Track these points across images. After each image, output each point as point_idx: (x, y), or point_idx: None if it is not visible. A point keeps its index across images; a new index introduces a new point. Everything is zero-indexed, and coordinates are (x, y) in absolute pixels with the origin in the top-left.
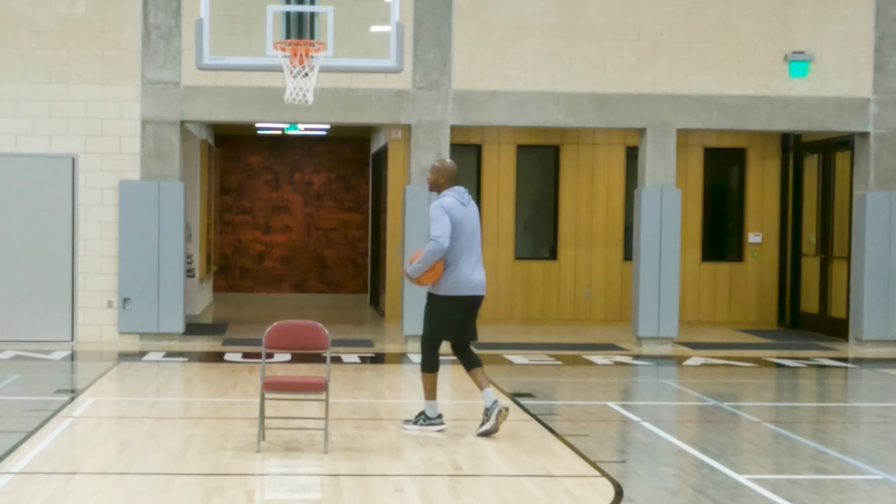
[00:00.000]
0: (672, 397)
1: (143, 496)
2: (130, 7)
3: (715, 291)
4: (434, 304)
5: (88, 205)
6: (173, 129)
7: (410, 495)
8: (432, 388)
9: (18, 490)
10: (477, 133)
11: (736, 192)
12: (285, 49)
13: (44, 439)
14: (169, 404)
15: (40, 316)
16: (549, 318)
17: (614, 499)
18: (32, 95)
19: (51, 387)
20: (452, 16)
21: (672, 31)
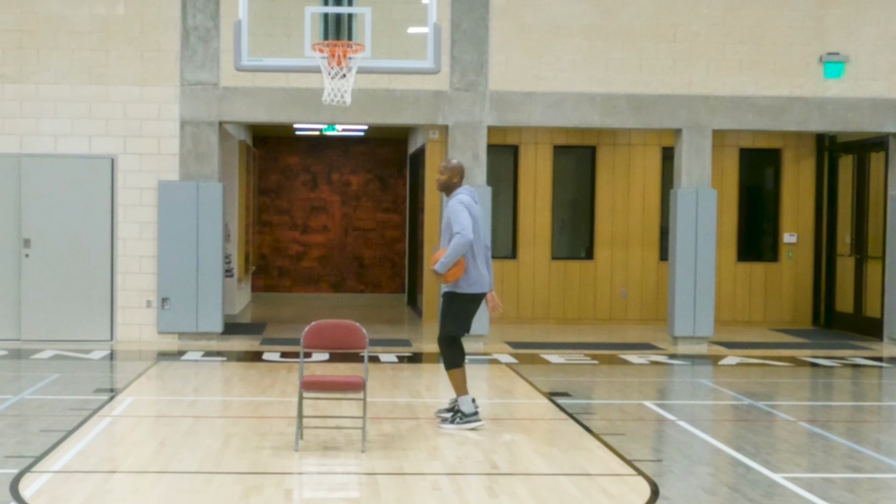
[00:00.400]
0: (708, 396)
1: (182, 495)
2: (169, 8)
3: (750, 291)
4: (455, 301)
5: (128, 205)
6: (212, 129)
7: (447, 494)
8: (463, 383)
9: (58, 488)
10: (514, 134)
11: (771, 192)
12: (323, 50)
13: (83, 438)
14: (207, 403)
15: (80, 316)
16: (585, 318)
17: (650, 497)
18: (72, 96)
19: (90, 386)
20: (489, 17)
21: (708, 33)
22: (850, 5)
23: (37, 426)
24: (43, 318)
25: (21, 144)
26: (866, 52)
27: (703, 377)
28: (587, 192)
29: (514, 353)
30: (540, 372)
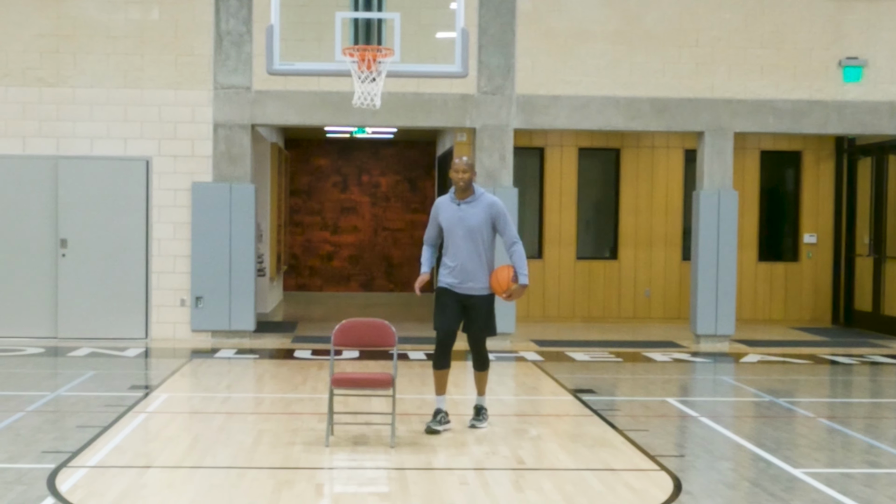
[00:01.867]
0: (729, 393)
1: (215, 489)
2: (203, 14)
3: (771, 290)
4: (492, 303)
5: (162, 206)
6: (244, 132)
7: (475, 488)
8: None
9: (94, 483)
10: (540, 136)
11: (791, 193)
12: (353, 55)
13: (119, 434)
14: (240, 400)
15: (115, 314)
16: (609, 317)
17: (673, 492)
18: (108, 100)
19: (125, 383)
20: (516, 22)
21: (729, 38)
22: (868, 11)
23: (73, 422)
24: (79, 316)
25: (58, 147)
26: (885, 56)
27: (724, 374)
28: (611, 194)
29: (540, 350)
30: (565, 369)
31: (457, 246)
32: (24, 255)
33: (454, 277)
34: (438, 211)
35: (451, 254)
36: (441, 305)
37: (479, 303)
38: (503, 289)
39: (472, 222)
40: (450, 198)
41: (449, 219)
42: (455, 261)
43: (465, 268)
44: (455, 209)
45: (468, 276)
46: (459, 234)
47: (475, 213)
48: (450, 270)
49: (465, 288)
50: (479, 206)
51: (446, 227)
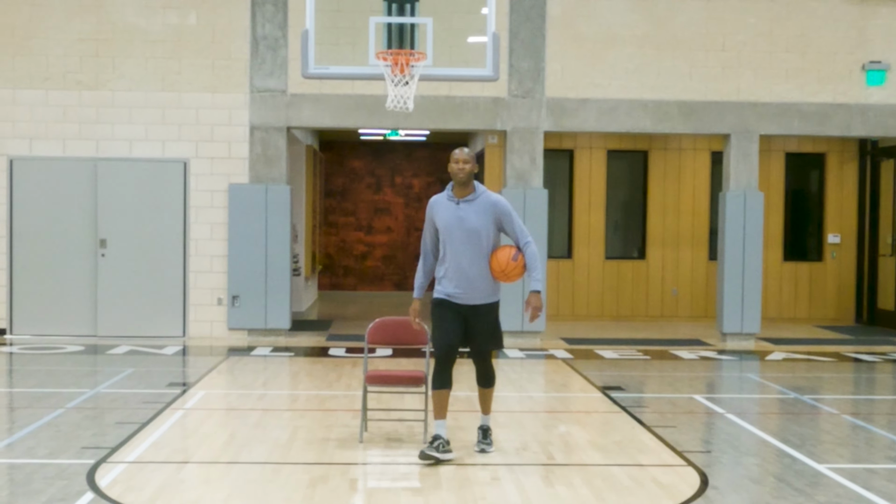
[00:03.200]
0: (755, 390)
1: (251, 484)
2: (239, 19)
3: (796, 289)
4: (497, 312)
5: (199, 207)
6: (280, 134)
7: (506, 484)
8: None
9: (133, 478)
10: (569, 138)
11: (816, 194)
12: (387, 59)
13: (157, 430)
14: (276, 397)
15: (153, 313)
16: (637, 315)
17: (700, 487)
18: (146, 103)
19: (163, 380)
20: (546, 27)
21: (755, 42)
22: (891, 16)
23: (112, 419)
24: (118, 315)
25: (97, 149)
26: None
27: (750, 372)
28: (639, 195)
29: (570, 348)
30: (594, 367)
31: (456, 250)
32: (64, 255)
33: (454, 287)
34: (434, 211)
35: (450, 260)
36: (439, 318)
37: (483, 312)
38: (501, 268)
39: (473, 223)
40: (447, 196)
41: (447, 219)
42: (454, 268)
43: (467, 275)
44: (453, 209)
45: (470, 285)
46: (459, 237)
47: (477, 213)
48: (448, 279)
49: (466, 298)
50: (481, 205)
51: (444, 228)
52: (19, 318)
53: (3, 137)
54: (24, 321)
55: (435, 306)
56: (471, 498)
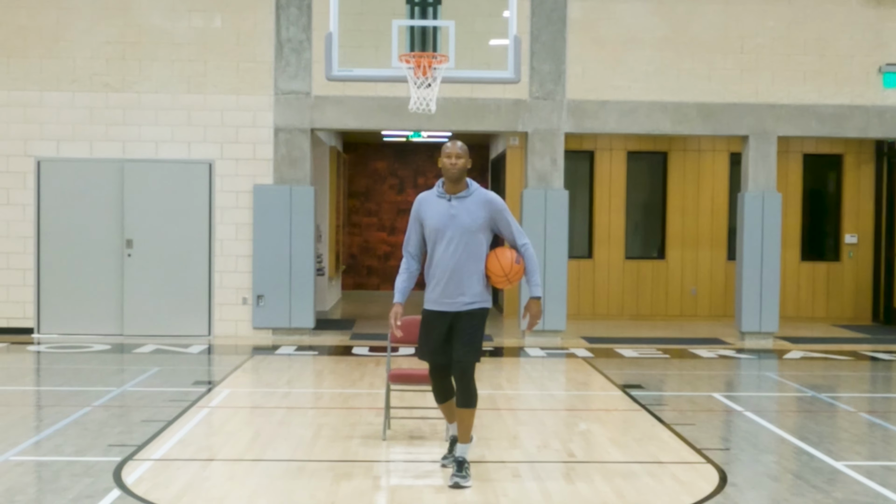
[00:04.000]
0: (773, 388)
1: (276, 481)
2: (264, 22)
3: (813, 289)
4: (483, 321)
5: (224, 207)
6: (304, 136)
7: (527, 481)
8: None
9: (159, 476)
10: (590, 140)
11: (833, 195)
12: (410, 61)
13: (182, 428)
14: (300, 395)
15: (179, 312)
16: (657, 315)
17: (719, 484)
18: (172, 105)
19: (189, 378)
20: (566, 30)
21: (773, 45)
22: None
23: (138, 416)
24: (144, 314)
25: (124, 150)
26: None
27: (768, 370)
28: (659, 196)
29: (590, 347)
30: (614, 365)
31: (446, 251)
32: (91, 255)
33: (440, 292)
34: (422, 209)
35: (439, 261)
36: (425, 332)
37: (465, 318)
38: (504, 272)
39: (467, 221)
40: (437, 193)
41: (437, 217)
42: (443, 270)
43: (456, 277)
44: (445, 206)
45: (459, 288)
46: (451, 236)
47: (471, 210)
48: (436, 282)
49: (454, 303)
50: (475, 202)
51: (434, 227)
52: (47, 318)
53: (30, 139)
54: (52, 320)
55: (423, 319)
56: (492, 494)
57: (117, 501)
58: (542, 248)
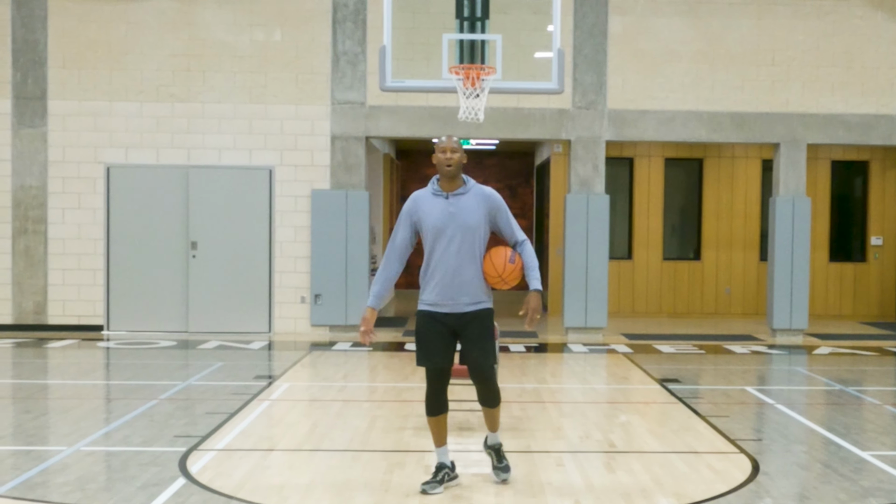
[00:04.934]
0: (803, 382)
1: (333, 470)
2: (321, 35)
3: (841, 288)
4: (491, 321)
5: (284, 211)
6: (359, 144)
7: (570, 469)
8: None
9: (221, 465)
10: (629, 147)
11: (859, 200)
12: (459, 73)
13: (244, 420)
14: (355, 389)
15: (241, 310)
16: (693, 312)
17: (751, 473)
18: (234, 114)
19: (251, 373)
20: (607, 43)
21: (803, 58)
22: None
23: (202, 409)
24: (208, 312)
25: (189, 157)
26: None
27: (798, 365)
28: (695, 200)
29: (630, 343)
30: (653, 360)
31: (446, 251)
32: (157, 256)
33: (439, 294)
34: (418, 208)
35: (438, 262)
36: (425, 336)
37: (475, 322)
38: (498, 273)
39: (467, 219)
40: (432, 191)
41: (436, 216)
42: (443, 271)
43: (458, 278)
44: (443, 204)
45: (461, 290)
46: (450, 235)
47: (470, 208)
48: (434, 284)
49: (454, 305)
50: (474, 199)
51: (434, 226)
52: (116, 316)
53: (101, 147)
54: (120, 318)
55: (419, 322)
56: (537, 483)
57: (182, 489)
58: (584, 249)
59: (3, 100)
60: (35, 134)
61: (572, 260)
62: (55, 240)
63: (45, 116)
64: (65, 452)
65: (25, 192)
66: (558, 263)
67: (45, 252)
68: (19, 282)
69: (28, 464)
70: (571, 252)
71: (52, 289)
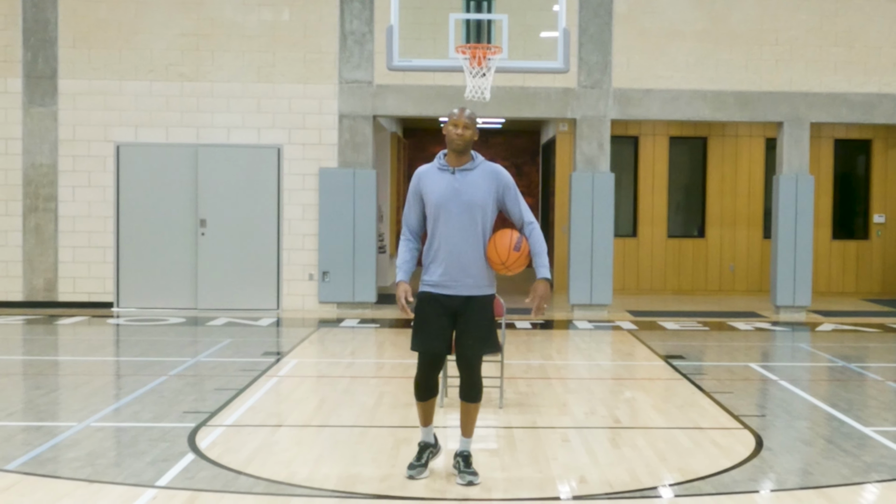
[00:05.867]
0: (806, 359)
1: (340, 445)
2: (329, 15)
3: (843, 266)
4: (493, 306)
5: (292, 189)
6: (366, 122)
7: (576, 445)
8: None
9: (230, 441)
10: (634, 126)
11: (862, 178)
12: (465, 52)
13: (253, 396)
14: (363, 365)
15: (250, 287)
16: (697, 290)
17: (755, 449)
18: (243, 93)
19: (259, 350)
20: (612, 23)
21: (806, 37)
22: None
23: (211, 385)
24: (217, 289)
25: (198, 136)
26: None
27: (801, 342)
28: (699, 178)
29: (635, 320)
30: (657, 337)
31: (449, 228)
32: (166, 233)
33: (442, 274)
34: (422, 183)
35: (441, 240)
36: (423, 319)
37: (476, 307)
38: (501, 259)
39: (472, 195)
40: (438, 165)
41: (440, 192)
42: (446, 250)
43: (460, 259)
44: (448, 179)
45: (464, 271)
46: (455, 212)
47: (477, 184)
48: (437, 264)
49: (458, 287)
50: (481, 176)
51: (436, 202)
52: (125, 293)
53: (110, 125)
54: (130, 295)
55: (419, 302)
56: (543, 458)
57: (191, 465)
58: (589, 227)
59: (13, 79)
60: (45, 113)
61: (578, 238)
62: (65, 217)
63: (56, 95)
64: (75, 428)
65: (36, 170)
66: (564, 241)
67: (55, 230)
68: (30, 259)
69: (39, 439)
70: (577, 230)
71: (62, 266)
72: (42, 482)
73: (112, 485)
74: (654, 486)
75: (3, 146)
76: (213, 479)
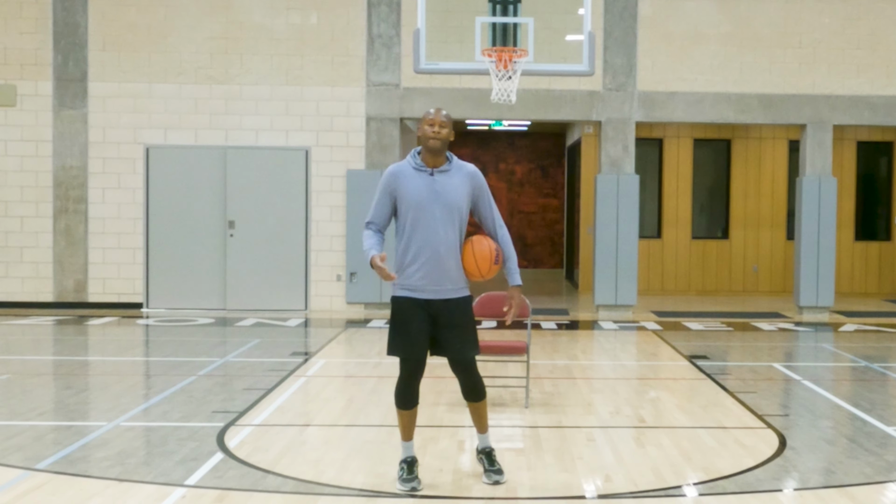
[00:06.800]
0: (829, 359)
1: (368, 445)
2: (356, 19)
3: (866, 267)
4: (471, 309)
5: (320, 191)
6: (394, 125)
7: (601, 444)
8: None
9: (259, 440)
10: (659, 128)
11: (885, 180)
12: (492, 55)
13: (281, 396)
14: (390, 365)
15: (278, 288)
16: (721, 290)
17: (779, 448)
18: (271, 96)
19: (287, 350)
20: (637, 26)
21: (829, 40)
22: None
23: (240, 385)
24: (245, 290)
25: (227, 138)
26: None
27: (824, 342)
28: (723, 180)
29: (659, 321)
30: (681, 337)
31: (428, 230)
32: (195, 235)
33: (422, 277)
34: (398, 183)
35: (420, 243)
36: (400, 323)
37: (457, 309)
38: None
39: (452, 197)
40: (413, 165)
41: (417, 193)
42: (427, 253)
43: (440, 261)
44: (427, 180)
45: (443, 274)
46: (437, 215)
47: (455, 185)
48: (416, 267)
49: (437, 290)
50: (459, 177)
51: (413, 204)
52: (155, 293)
53: (140, 127)
54: (159, 296)
55: (396, 309)
56: (568, 457)
57: (220, 464)
58: (614, 228)
59: (44, 82)
60: (76, 115)
61: (603, 239)
62: (95, 219)
63: (86, 98)
64: (105, 427)
65: (66, 172)
66: (589, 242)
67: (85, 231)
68: (60, 260)
69: (69, 439)
70: (602, 231)
71: (92, 267)
72: (72, 481)
73: (141, 484)
74: (679, 486)
75: (34, 148)
76: (242, 478)
